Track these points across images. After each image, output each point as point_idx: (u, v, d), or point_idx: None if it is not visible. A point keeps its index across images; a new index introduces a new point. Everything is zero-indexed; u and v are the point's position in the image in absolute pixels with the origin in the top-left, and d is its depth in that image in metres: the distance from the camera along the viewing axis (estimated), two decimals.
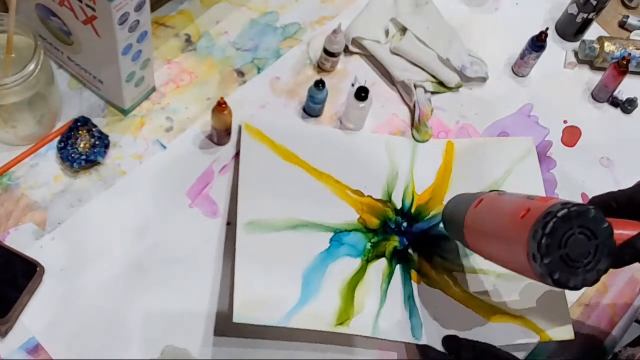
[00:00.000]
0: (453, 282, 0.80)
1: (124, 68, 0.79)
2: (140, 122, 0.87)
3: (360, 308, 0.76)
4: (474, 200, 0.71)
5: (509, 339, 0.76)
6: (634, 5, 1.12)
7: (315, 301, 0.75)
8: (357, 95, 0.86)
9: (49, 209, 0.80)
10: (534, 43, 0.96)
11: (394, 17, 0.98)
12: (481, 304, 0.79)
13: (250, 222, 0.78)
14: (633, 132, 1.00)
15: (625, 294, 0.88)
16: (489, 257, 0.70)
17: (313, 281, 0.76)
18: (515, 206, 0.64)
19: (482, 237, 0.69)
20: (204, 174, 0.85)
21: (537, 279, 0.61)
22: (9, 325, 0.72)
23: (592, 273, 0.60)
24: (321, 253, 0.78)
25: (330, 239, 0.80)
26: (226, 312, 0.77)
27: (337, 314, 0.74)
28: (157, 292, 0.77)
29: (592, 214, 0.60)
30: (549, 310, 0.79)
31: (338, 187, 0.84)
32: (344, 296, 0.76)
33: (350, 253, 0.80)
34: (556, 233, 0.59)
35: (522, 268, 0.62)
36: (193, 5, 0.97)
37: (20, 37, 0.76)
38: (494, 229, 0.66)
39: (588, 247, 0.60)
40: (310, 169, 0.84)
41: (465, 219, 0.70)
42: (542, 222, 0.59)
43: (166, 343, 0.75)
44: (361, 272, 0.79)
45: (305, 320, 0.73)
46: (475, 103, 0.98)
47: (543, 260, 0.59)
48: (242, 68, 0.94)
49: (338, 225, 0.81)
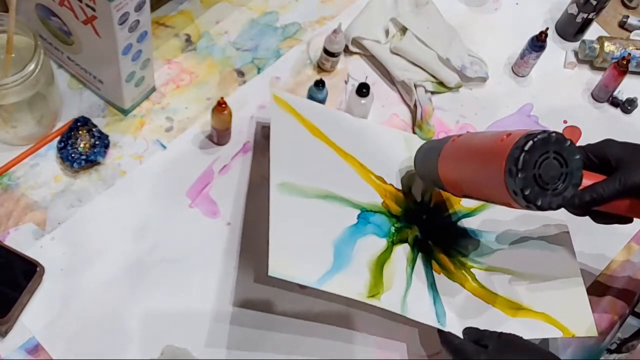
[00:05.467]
0: (472, 278, 0.80)
1: (124, 68, 0.79)
2: (140, 122, 0.87)
3: (389, 285, 0.75)
4: (449, 139, 0.76)
5: (532, 333, 0.76)
6: (634, 5, 1.12)
7: (348, 271, 0.74)
8: (358, 92, 0.86)
9: (49, 209, 0.80)
10: (534, 43, 0.96)
11: (394, 17, 0.98)
12: (501, 300, 0.79)
13: (283, 184, 0.76)
14: (633, 132, 1.00)
15: (625, 294, 0.88)
16: (463, 183, 0.73)
17: (344, 252, 0.75)
18: (496, 133, 0.69)
19: (459, 165, 0.73)
20: (204, 174, 0.85)
21: (507, 196, 0.65)
22: (9, 325, 0.72)
23: (559, 198, 0.65)
24: (350, 227, 0.78)
25: (358, 215, 0.79)
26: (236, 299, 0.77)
27: (368, 286, 0.73)
28: (157, 292, 0.77)
29: (568, 143, 0.65)
30: (570, 307, 0.79)
31: (363, 170, 0.83)
32: (374, 272, 0.75)
33: (377, 232, 0.79)
34: (534, 152, 0.64)
35: (494, 186, 0.66)
36: (193, 5, 0.97)
37: (20, 37, 0.76)
38: (473, 153, 0.70)
39: (559, 173, 0.65)
40: (336, 147, 0.84)
41: (440, 153, 0.75)
42: (523, 141, 0.63)
43: (166, 343, 0.75)
44: (387, 252, 0.78)
45: (339, 287, 0.72)
46: (475, 103, 0.98)
47: (518, 174, 0.63)
48: (242, 68, 0.94)
49: (364, 204, 0.80)
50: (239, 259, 0.80)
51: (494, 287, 0.80)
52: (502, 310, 0.78)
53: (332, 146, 0.83)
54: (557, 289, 0.81)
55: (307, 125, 0.84)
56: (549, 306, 0.79)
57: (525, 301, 0.79)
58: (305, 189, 0.78)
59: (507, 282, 0.80)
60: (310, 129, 0.83)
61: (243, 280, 0.79)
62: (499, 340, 0.70)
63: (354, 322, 0.79)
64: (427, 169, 0.79)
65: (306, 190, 0.78)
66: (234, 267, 0.80)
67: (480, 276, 0.80)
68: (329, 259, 0.73)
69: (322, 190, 0.79)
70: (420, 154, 0.82)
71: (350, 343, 0.78)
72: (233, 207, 0.83)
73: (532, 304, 0.79)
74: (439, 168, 0.75)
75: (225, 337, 0.76)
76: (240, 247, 0.81)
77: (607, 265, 0.89)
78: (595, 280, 0.88)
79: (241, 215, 0.83)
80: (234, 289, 0.78)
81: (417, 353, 0.79)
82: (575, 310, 0.79)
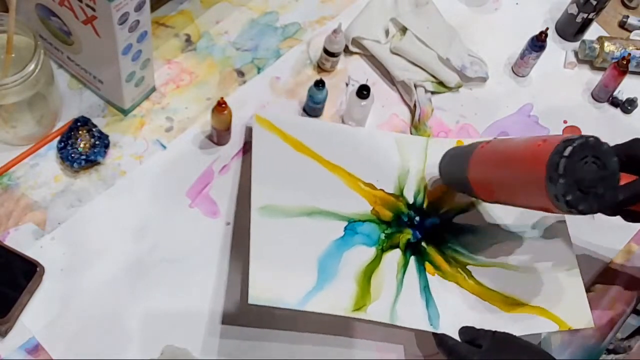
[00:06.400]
0: (467, 275, 0.80)
1: (124, 68, 0.79)
2: (140, 122, 0.87)
3: (377, 295, 0.75)
4: (477, 145, 0.77)
5: (527, 329, 0.76)
6: (634, 5, 1.12)
7: (332, 286, 0.74)
8: (358, 94, 0.86)
9: (49, 209, 0.80)
10: (534, 43, 0.96)
11: (394, 17, 0.98)
12: (497, 296, 0.79)
13: (264, 207, 0.77)
14: (633, 132, 0.99)
15: (625, 294, 0.88)
16: (497, 189, 0.73)
17: (329, 267, 0.75)
18: (530, 139, 0.70)
19: (492, 171, 0.74)
20: (204, 174, 0.85)
21: (547, 202, 0.65)
22: (9, 325, 0.72)
23: (600, 201, 0.66)
24: (336, 240, 0.78)
25: (345, 227, 0.79)
26: (235, 299, 0.77)
27: (354, 299, 0.74)
28: (157, 292, 0.77)
29: (605, 147, 0.66)
30: (567, 299, 0.79)
31: (350, 180, 0.84)
32: (360, 283, 0.75)
33: (365, 242, 0.79)
34: (573, 157, 0.64)
35: (533, 193, 0.67)
36: (193, 5, 0.97)
37: (20, 37, 0.76)
38: (508, 160, 0.71)
39: (598, 176, 0.65)
40: (322, 160, 0.84)
41: (470, 159, 0.76)
42: (562, 146, 0.64)
43: (166, 343, 0.75)
44: (376, 261, 0.78)
45: (321, 305, 0.72)
46: (475, 103, 0.98)
47: (559, 180, 0.64)
48: (242, 68, 0.94)
49: (352, 215, 0.81)
50: (239, 260, 0.80)
51: (489, 284, 0.80)
52: (499, 307, 0.78)
53: (317, 159, 0.84)
54: (553, 282, 0.81)
55: (291, 141, 0.84)
56: (545, 300, 0.79)
57: (522, 296, 0.79)
58: (288, 208, 0.78)
59: (503, 277, 0.80)
60: (294, 145, 0.84)
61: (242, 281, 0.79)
62: (493, 339, 0.71)
63: (350, 327, 0.79)
64: (455, 176, 0.79)
65: (289, 209, 0.78)
66: (234, 267, 0.80)
67: (476, 273, 0.80)
68: (313, 277, 0.74)
69: (307, 207, 0.79)
70: (445, 160, 0.82)
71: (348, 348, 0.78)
72: (233, 207, 0.83)
73: (529, 299, 0.79)
74: (470, 174, 0.76)
75: (226, 337, 0.76)
76: (240, 247, 0.81)
77: (607, 265, 0.89)
78: (595, 280, 0.88)
79: (241, 216, 0.83)
80: (233, 290, 0.78)
81: (414, 354, 0.79)
82: (572, 303, 0.79)
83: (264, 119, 0.85)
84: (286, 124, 0.85)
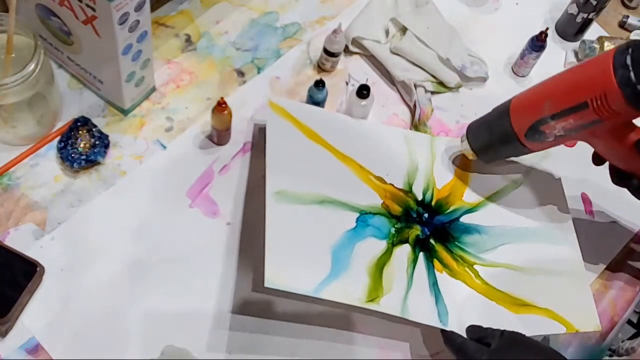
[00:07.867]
0: (475, 275, 0.80)
1: (124, 68, 0.79)
2: (140, 122, 0.87)
3: (389, 288, 0.75)
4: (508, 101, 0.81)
5: (535, 330, 0.76)
6: (634, 5, 1.12)
7: (346, 276, 0.74)
8: (358, 93, 0.86)
9: (49, 209, 0.80)
10: (534, 43, 0.96)
11: (394, 17, 0.98)
12: (505, 297, 0.79)
13: (278, 192, 0.77)
14: None
15: (625, 294, 0.88)
16: (547, 101, 0.76)
17: (342, 257, 0.75)
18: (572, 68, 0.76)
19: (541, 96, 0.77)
20: (204, 174, 0.85)
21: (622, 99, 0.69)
22: (9, 325, 0.72)
23: None
24: (348, 231, 0.78)
25: (357, 219, 0.79)
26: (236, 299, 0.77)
27: (367, 291, 0.74)
28: (157, 292, 0.77)
29: None
30: (574, 302, 0.79)
31: (361, 172, 0.84)
32: (373, 275, 0.75)
33: (376, 235, 0.79)
34: (636, 52, 0.69)
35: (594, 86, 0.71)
36: (193, 5, 0.97)
37: (20, 37, 0.76)
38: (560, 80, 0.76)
39: None
40: (334, 150, 0.84)
41: (510, 107, 0.80)
42: (624, 45, 0.69)
43: (166, 343, 0.75)
44: (387, 254, 0.78)
45: (336, 293, 0.72)
46: (475, 103, 0.97)
47: (630, 72, 0.68)
48: (242, 68, 0.94)
49: (363, 207, 0.80)
50: (239, 259, 0.80)
51: (497, 284, 0.80)
52: (506, 307, 0.78)
53: (330, 149, 0.84)
54: (560, 284, 0.81)
55: (304, 129, 0.84)
56: (552, 302, 0.79)
57: (529, 297, 0.79)
58: (302, 195, 0.78)
59: (511, 278, 0.80)
60: (308, 134, 0.84)
61: (242, 282, 0.79)
62: (501, 338, 0.70)
63: (356, 324, 0.79)
64: (494, 132, 0.82)
65: (303, 196, 0.78)
66: (234, 267, 0.80)
67: (484, 273, 0.80)
68: (327, 265, 0.74)
69: (320, 195, 0.79)
70: (474, 127, 0.85)
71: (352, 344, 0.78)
72: (233, 207, 0.83)
73: (536, 300, 0.79)
74: (512, 118, 0.79)
75: (226, 337, 0.76)
76: (240, 247, 0.81)
77: (607, 265, 0.89)
78: (596, 280, 0.88)
79: (241, 215, 0.83)
80: (234, 289, 0.78)
81: (420, 352, 0.79)
82: (579, 306, 0.79)
83: (278, 105, 0.85)
84: (299, 112, 0.85)
